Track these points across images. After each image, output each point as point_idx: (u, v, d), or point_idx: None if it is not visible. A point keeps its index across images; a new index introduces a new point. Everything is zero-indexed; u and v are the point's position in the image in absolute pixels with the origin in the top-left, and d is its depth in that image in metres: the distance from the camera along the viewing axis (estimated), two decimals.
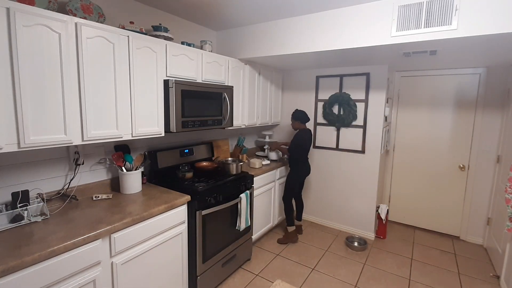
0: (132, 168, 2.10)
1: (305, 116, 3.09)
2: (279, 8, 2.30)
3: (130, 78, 1.85)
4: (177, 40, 2.56)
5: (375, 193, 3.24)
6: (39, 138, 1.44)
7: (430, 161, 3.47)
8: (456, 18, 1.78)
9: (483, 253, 3.04)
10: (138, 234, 1.69)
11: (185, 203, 2.03)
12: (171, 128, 2.10)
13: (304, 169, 3.14)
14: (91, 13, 1.80)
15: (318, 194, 3.67)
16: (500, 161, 2.96)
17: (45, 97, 1.44)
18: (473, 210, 3.25)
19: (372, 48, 2.21)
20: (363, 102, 3.22)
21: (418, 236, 3.43)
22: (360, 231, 3.38)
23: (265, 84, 3.36)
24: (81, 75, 1.58)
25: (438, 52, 2.34)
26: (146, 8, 2.34)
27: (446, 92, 3.32)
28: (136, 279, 1.72)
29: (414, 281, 2.53)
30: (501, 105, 3.00)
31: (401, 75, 3.57)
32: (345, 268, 2.70)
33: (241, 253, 2.61)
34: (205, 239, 2.15)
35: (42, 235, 1.39)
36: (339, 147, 3.43)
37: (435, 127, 3.41)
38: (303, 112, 3.09)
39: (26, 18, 1.34)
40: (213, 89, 2.41)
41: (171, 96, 2.07)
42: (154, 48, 1.98)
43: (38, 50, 1.40)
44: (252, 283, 2.44)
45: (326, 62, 3.04)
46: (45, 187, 1.79)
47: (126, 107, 1.85)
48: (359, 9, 2.15)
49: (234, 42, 2.93)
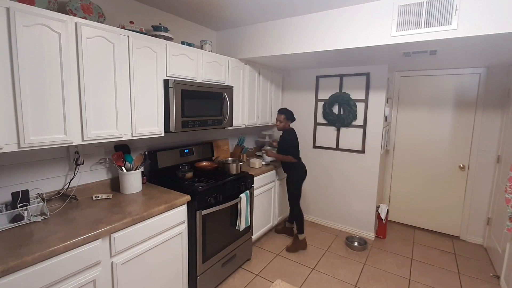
0: (132, 168, 2.10)
1: (293, 114, 3.01)
2: (279, 8, 2.30)
3: (130, 78, 1.85)
4: (177, 40, 2.56)
5: (375, 193, 3.24)
6: (39, 138, 1.44)
7: (430, 161, 3.47)
8: (456, 18, 1.78)
9: (483, 253, 3.04)
10: (138, 234, 1.69)
11: (185, 203, 2.03)
12: (171, 128, 2.10)
13: (304, 169, 3.03)
14: (91, 13, 1.80)
15: (318, 194, 3.67)
16: (500, 161, 2.96)
17: (45, 97, 1.44)
18: (473, 210, 3.25)
19: (372, 48, 2.21)
20: (363, 102, 3.22)
21: (418, 236, 3.43)
22: (360, 231, 3.38)
23: (265, 84, 3.36)
24: (81, 75, 1.58)
25: (438, 52, 2.34)
26: (146, 8, 2.34)
27: (446, 92, 3.32)
28: (136, 279, 1.72)
29: (414, 281, 2.53)
30: (501, 105, 3.00)
31: (401, 75, 3.57)
32: (345, 268, 2.70)
33: (241, 253, 2.61)
34: (205, 239, 2.15)
35: (42, 235, 1.39)
36: (339, 147, 3.43)
37: (435, 127, 3.41)
38: (291, 111, 3.00)
39: (26, 18, 1.34)
40: (213, 89, 2.41)
41: (171, 96, 2.07)
42: (154, 48, 1.98)
43: (38, 50, 1.40)
44: (252, 283, 2.44)
45: (326, 62, 3.04)
46: (45, 187, 1.79)
47: (126, 107, 1.85)
48: (359, 9, 2.15)
49: (234, 42, 2.93)
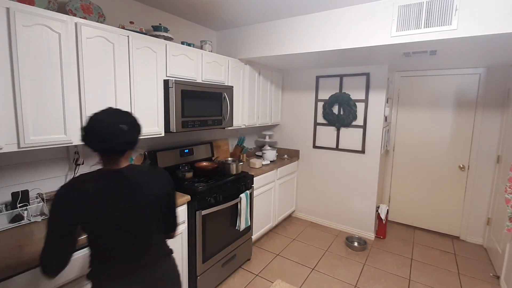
0: None
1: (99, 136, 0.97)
2: (279, 8, 2.30)
3: (130, 78, 1.85)
4: (177, 40, 2.56)
5: (375, 193, 3.24)
6: (39, 138, 1.44)
7: (430, 161, 3.47)
8: (456, 18, 1.78)
9: (483, 253, 3.04)
10: None
11: (185, 203, 2.03)
12: (171, 128, 2.10)
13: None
14: (91, 13, 1.80)
15: (318, 194, 3.67)
16: (500, 161, 2.96)
17: (45, 97, 1.44)
18: (473, 210, 3.25)
19: (372, 48, 2.20)
20: (363, 102, 3.22)
21: (418, 236, 3.43)
22: (360, 231, 3.38)
23: (265, 84, 3.36)
24: (81, 75, 1.58)
25: (438, 52, 2.34)
26: (146, 8, 2.34)
27: (446, 92, 3.32)
28: None
29: (414, 281, 2.53)
30: (501, 105, 3.00)
31: (401, 75, 3.57)
32: (345, 268, 2.70)
33: (241, 253, 2.61)
34: (205, 239, 2.15)
35: (42, 235, 1.38)
36: (339, 147, 3.43)
37: (435, 127, 3.40)
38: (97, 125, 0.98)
39: (26, 18, 1.34)
40: (213, 89, 2.41)
41: (171, 96, 2.07)
42: (154, 48, 1.98)
43: (38, 50, 1.40)
44: (252, 283, 2.44)
45: (326, 62, 3.04)
46: (45, 187, 1.78)
47: (126, 107, 1.84)
48: (359, 9, 2.15)
49: (234, 42, 2.93)
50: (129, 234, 1.03)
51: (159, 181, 1.13)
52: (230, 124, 2.66)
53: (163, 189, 1.14)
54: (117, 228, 1.00)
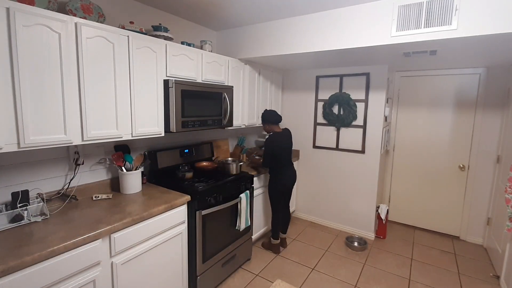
0: (132, 168, 2.10)
1: (274, 116, 2.70)
2: (279, 8, 2.30)
3: (130, 78, 1.85)
4: (177, 40, 2.56)
5: (375, 193, 3.24)
6: (39, 138, 1.44)
7: (430, 161, 3.47)
8: (456, 18, 1.78)
9: (483, 253, 3.04)
10: (138, 234, 1.69)
11: (185, 203, 2.03)
12: (171, 128, 2.10)
13: (286, 178, 2.76)
14: (91, 13, 1.80)
15: (318, 194, 3.67)
16: (500, 161, 2.96)
17: (45, 97, 1.44)
18: (473, 210, 3.25)
19: (372, 48, 2.20)
20: (363, 102, 3.22)
21: (418, 236, 3.43)
22: (360, 231, 3.38)
23: (265, 84, 3.36)
24: (81, 75, 1.58)
25: (438, 52, 2.34)
26: (146, 8, 2.34)
27: (446, 92, 3.32)
28: (136, 279, 1.72)
29: (414, 281, 2.53)
30: (501, 105, 3.00)
31: (401, 75, 3.57)
32: (345, 268, 2.70)
33: (241, 253, 2.61)
34: (205, 239, 2.15)
35: (42, 235, 1.39)
36: (339, 147, 3.43)
37: (435, 127, 3.41)
38: (272, 112, 2.72)
39: (26, 18, 1.34)
40: (213, 89, 2.41)
41: (171, 96, 2.07)
42: (154, 48, 1.98)
43: (38, 50, 1.40)
44: (252, 283, 2.44)
45: (326, 62, 3.04)
46: (45, 187, 1.79)
47: (126, 107, 1.85)
48: (359, 9, 2.15)
49: (234, 42, 2.93)
50: (288, 154, 2.77)
51: (291, 139, 2.84)
52: (230, 124, 2.66)
53: (291, 142, 2.84)
54: (284, 151, 2.71)
